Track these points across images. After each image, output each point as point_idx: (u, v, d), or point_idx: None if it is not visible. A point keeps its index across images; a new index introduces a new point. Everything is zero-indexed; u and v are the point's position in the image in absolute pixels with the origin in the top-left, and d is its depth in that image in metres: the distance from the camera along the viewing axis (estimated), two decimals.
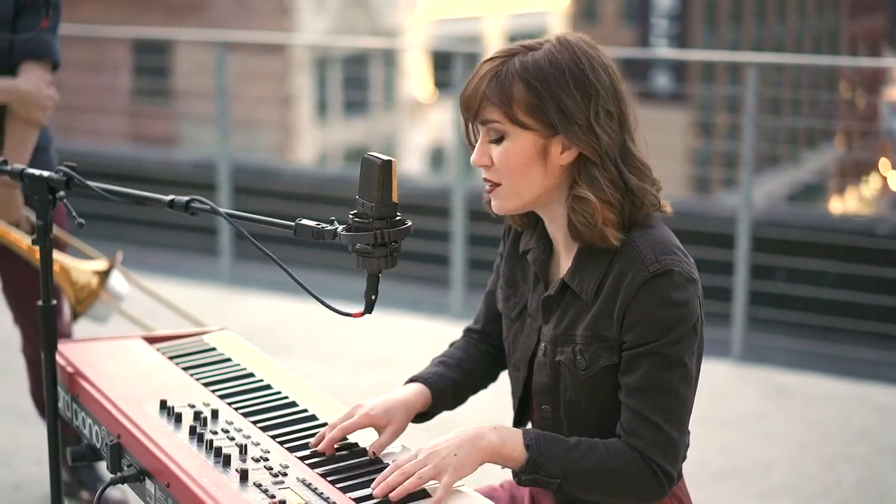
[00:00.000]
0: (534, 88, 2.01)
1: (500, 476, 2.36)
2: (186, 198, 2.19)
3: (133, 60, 23.14)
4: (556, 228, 2.13)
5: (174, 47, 21.19)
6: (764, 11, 40.04)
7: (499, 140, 2.05)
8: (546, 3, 35.78)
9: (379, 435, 2.14)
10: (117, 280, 3.54)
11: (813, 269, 6.13)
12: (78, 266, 3.50)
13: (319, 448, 2.08)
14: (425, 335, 5.90)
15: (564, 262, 2.13)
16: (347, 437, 2.13)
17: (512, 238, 2.29)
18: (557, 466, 2.01)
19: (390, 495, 1.91)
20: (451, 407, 2.35)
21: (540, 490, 2.25)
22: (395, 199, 1.93)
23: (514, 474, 2.05)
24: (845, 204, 33.12)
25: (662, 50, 29.36)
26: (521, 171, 2.05)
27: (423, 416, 2.29)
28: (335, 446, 2.09)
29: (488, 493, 2.35)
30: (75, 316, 3.52)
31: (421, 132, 29.16)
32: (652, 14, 35.77)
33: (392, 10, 28.89)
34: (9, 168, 2.41)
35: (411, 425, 2.25)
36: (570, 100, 2.00)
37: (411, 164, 28.87)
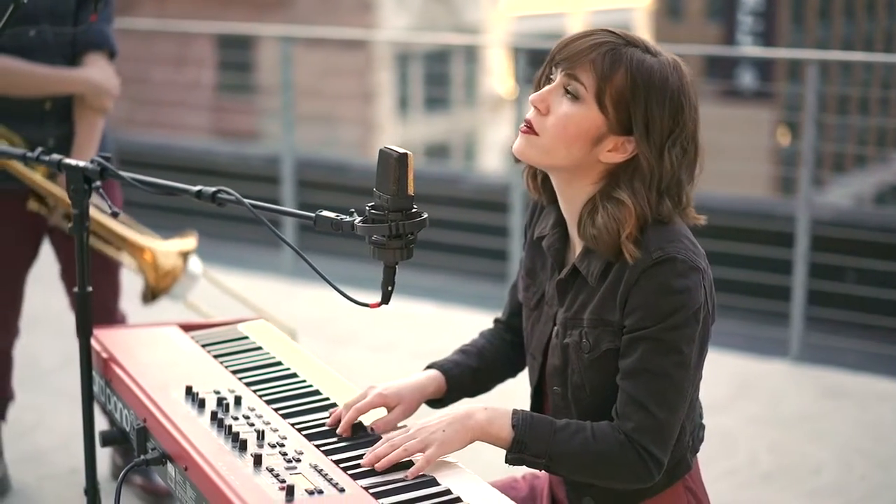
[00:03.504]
0: (636, 86, 2.02)
1: (521, 468, 2.39)
2: (213, 188, 2.24)
3: (217, 56, 23.43)
4: (571, 216, 2.15)
5: (258, 43, 21.41)
6: (853, 9, 39.51)
7: (573, 98, 2.05)
8: (630, 0, 35.57)
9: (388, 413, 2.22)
10: (194, 261, 3.65)
11: (885, 269, 6.06)
12: (165, 249, 3.60)
13: (338, 431, 2.14)
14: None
15: (578, 247, 2.16)
16: (362, 416, 2.19)
17: (531, 229, 2.31)
18: (542, 447, 2.05)
19: (376, 466, 1.99)
20: (472, 394, 2.39)
21: (556, 480, 2.28)
22: (411, 191, 1.97)
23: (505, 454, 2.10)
24: None
25: (704, 46, 28.97)
26: (567, 139, 2.05)
27: (439, 403, 2.35)
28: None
29: (509, 485, 2.39)
30: (154, 296, 3.62)
31: (501, 128, 29.18)
32: (738, 11, 35.42)
33: (474, 7, 28.93)
34: (47, 159, 2.48)
35: (424, 410, 2.31)
36: (659, 117, 2.02)
37: (491, 161, 28.90)
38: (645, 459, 2.03)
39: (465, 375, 2.35)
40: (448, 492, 1.94)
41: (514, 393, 2.70)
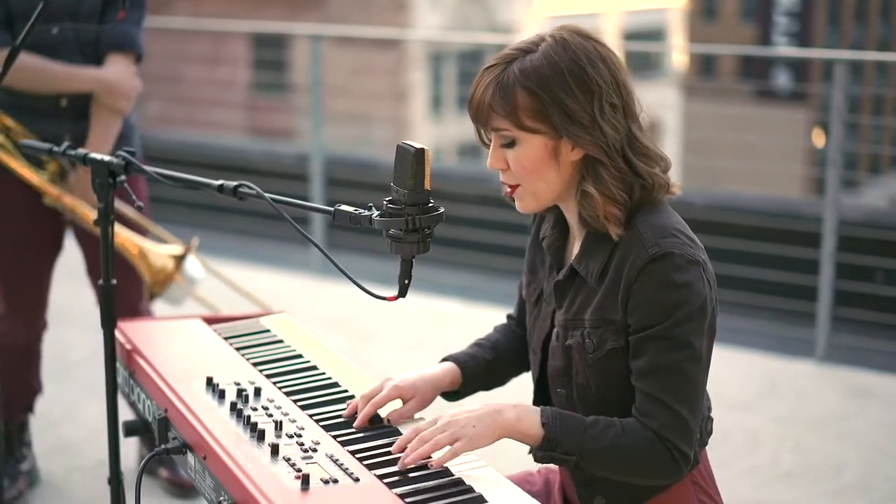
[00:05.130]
0: (536, 94, 2.04)
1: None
2: (235, 183, 2.27)
3: (252, 54, 23.53)
4: (571, 217, 2.18)
5: (293, 42, 21.48)
6: (889, 9, 39.23)
7: (510, 144, 2.10)
8: (664, 0, 35.46)
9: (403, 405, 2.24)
10: (193, 265, 3.67)
11: None
12: (155, 250, 3.64)
13: (355, 425, 2.16)
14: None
15: (577, 247, 2.18)
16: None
17: (536, 226, 2.34)
18: (573, 444, 2.05)
19: (406, 459, 1.99)
20: (487, 387, 2.42)
21: (567, 480, 2.29)
22: (427, 186, 1.99)
23: (532, 451, 2.10)
24: None
25: (735, 46, 28.79)
26: (535, 172, 2.10)
27: (455, 395, 2.37)
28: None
29: (524, 478, 2.41)
30: (151, 297, 3.65)
31: None
32: (774, 12, 35.24)
33: (508, 6, 28.92)
34: (73, 153, 2.52)
35: (439, 402, 2.33)
36: (573, 101, 2.04)
37: None
38: (675, 455, 2.05)
39: (480, 368, 2.38)
40: (460, 482, 1.96)
41: (529, 387, 2.72)
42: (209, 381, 2.30)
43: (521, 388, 2.59)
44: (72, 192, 3.56)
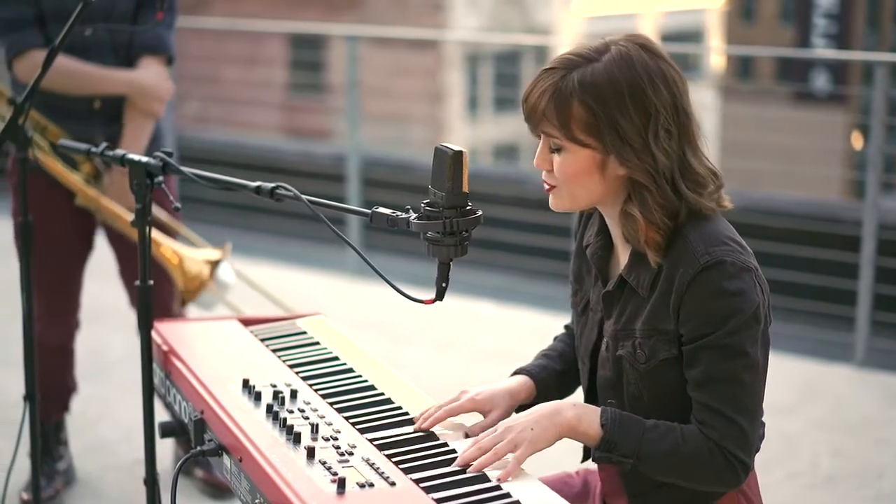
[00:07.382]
0: (591, 109, 2.02)
1: (575, 463, 2.39)
2: (272, 184, 2.27)
3: (289, 55, 23.58)
4: (614, 226, 2.15)
5: (329, 42, 21.51)
6: None
7: (558, 150, 2.08)
8: (702, 1, 35.31)
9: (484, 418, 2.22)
10: (225, 270, 3.66)
11: None
12: (191, 255, 3.63)
13: (423, 426, 2.15)
14: (548, 331, 5.90)
15: (622, 256, 2.16)
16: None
17: (580, 234, 2.32)
18: (632, 447, 2.04)
19: (468, 470, 1.97)
20: (558, 397, 2.38)
21: (608, 477, 2.27)
22: (465, 189, 1.98)
23: (592, 452, 2.09)
24: None
25: (774, 48, 28.53)
26: (577, 180, 2.08)
27: (527, 408, 2.34)
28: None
29: (562, 479, 2.39)
30: (183, 303, 3.65)
31: None
32: (812, 13, 35.01)
33: (546, 8, 28.85)
34: (111, 153, 2.53)
35: None
36: (628, 122, 2.01)
37: None
38: (733, 464, 2.03)
39: (551, 379, 2.36)
40: (497, 487, 1.95)
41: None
42: (245, 382, 2.30)
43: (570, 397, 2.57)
44: (105, 193, 3.57)
